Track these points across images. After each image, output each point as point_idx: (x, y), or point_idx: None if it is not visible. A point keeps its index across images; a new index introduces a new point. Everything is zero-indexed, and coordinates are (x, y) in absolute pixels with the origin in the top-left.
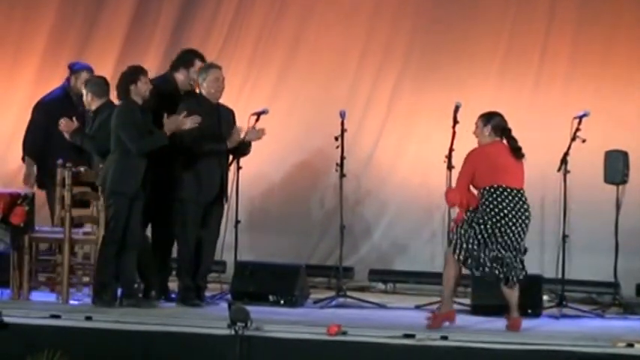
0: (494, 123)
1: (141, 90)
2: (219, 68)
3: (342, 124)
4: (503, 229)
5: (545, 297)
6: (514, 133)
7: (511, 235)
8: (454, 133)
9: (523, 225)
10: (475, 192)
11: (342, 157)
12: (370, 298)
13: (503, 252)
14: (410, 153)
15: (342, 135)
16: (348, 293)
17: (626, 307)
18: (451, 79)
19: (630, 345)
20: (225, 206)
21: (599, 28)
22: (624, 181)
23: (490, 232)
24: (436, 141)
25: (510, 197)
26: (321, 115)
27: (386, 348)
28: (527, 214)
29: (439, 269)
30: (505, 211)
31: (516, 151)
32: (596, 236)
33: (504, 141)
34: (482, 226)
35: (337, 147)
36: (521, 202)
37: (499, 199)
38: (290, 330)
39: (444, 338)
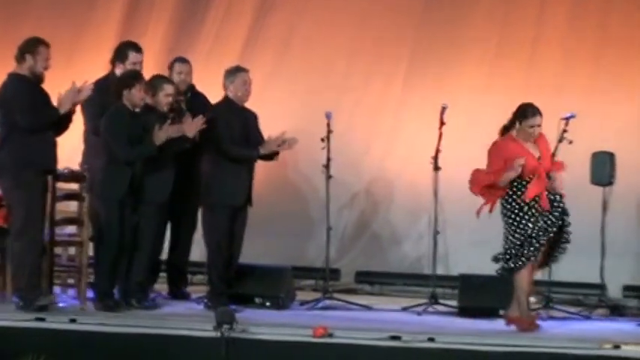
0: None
1: (134, 97)
2: (247, 71)
3: (328, 125)
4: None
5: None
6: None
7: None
8: (440, 134)
9: None
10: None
11: (328, 159)
12: (357, 299)
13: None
14: (398, 155)
15: (327, 136)
16: (335, 295)
17: (612, 308)
18: (440, 81)
19: (617, 346)
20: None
21: (589, 31)
22: (611, 183)
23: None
24: (424, 143)
25: None
26: (308, 117)
27: (372, 350)
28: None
29: (426, 271)
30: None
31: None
32: (583, 238)
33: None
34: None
35: (323, 148)
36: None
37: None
38: (276, 332)
39: (431, 340)
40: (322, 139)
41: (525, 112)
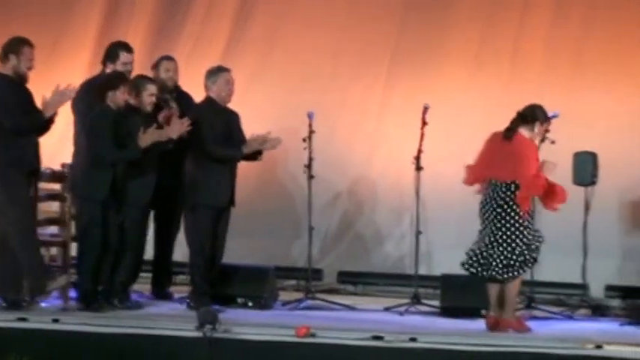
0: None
1: (118, 99)
2: (229, 71)
3: (310, 125)
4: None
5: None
6: (485, 136)
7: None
8: (422, 134)
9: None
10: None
11: (310, 159)
12: (339, 300)
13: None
14: (381, 155)
15: (309, 136)
16: (317, 295)
17: (594, 308)
18: (422, 82)
19: (599, 346)
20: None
21: (571, 31)
22: (593, 183)
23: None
24: (407, 143)
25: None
26: (291, 118)
27: (355, 350)
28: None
29: (409, 271)
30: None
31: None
32: (565, 238)
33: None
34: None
35: (305, 148)
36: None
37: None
38: (258, 332)
39: (413, 340)
40: (304, 140)
41: (547, 114)
